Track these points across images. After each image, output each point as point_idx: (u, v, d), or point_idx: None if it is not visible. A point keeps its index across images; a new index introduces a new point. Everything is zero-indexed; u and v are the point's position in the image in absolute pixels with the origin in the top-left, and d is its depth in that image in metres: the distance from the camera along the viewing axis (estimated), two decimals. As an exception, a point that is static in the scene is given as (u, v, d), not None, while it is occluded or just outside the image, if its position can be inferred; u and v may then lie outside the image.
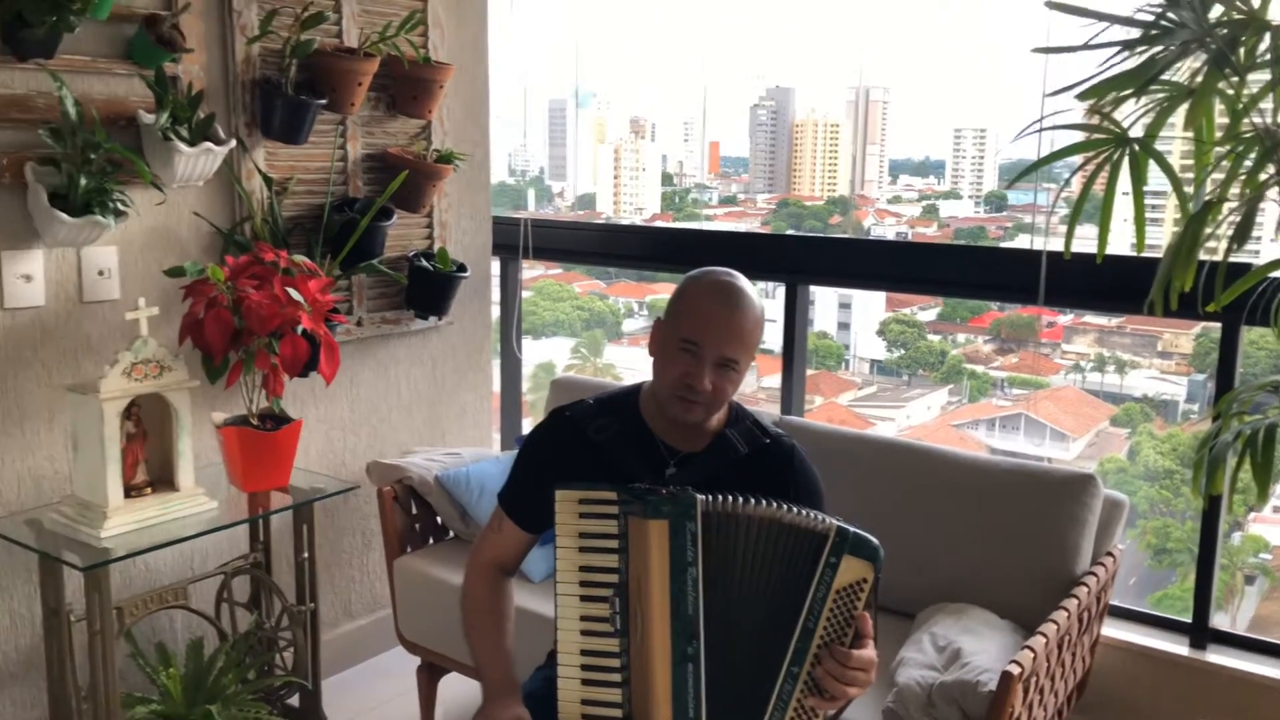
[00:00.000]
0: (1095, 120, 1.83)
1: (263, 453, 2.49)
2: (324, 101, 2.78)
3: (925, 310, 4.53)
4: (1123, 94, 1.78)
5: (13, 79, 2.32)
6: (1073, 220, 1.87)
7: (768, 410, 3.21)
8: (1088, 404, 4.44)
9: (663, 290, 4.95)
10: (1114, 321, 4.25)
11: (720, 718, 1.69)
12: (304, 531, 2.63)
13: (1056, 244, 2.89)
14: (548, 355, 5.31)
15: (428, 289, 3.13)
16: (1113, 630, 2.79)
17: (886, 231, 4.67)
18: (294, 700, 2.73)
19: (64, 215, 2.27)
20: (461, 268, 3.21)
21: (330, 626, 3.18)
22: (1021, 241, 2.72)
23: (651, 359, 1.86)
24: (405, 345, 3.27)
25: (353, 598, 3.25)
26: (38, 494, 2.46)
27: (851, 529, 1.66)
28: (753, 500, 1.69)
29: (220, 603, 2.69)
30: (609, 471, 1.82)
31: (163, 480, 2.39)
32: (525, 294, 5.49)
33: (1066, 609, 2.30)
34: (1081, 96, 1.88)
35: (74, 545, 2.22)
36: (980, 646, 2.25)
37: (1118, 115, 1.79)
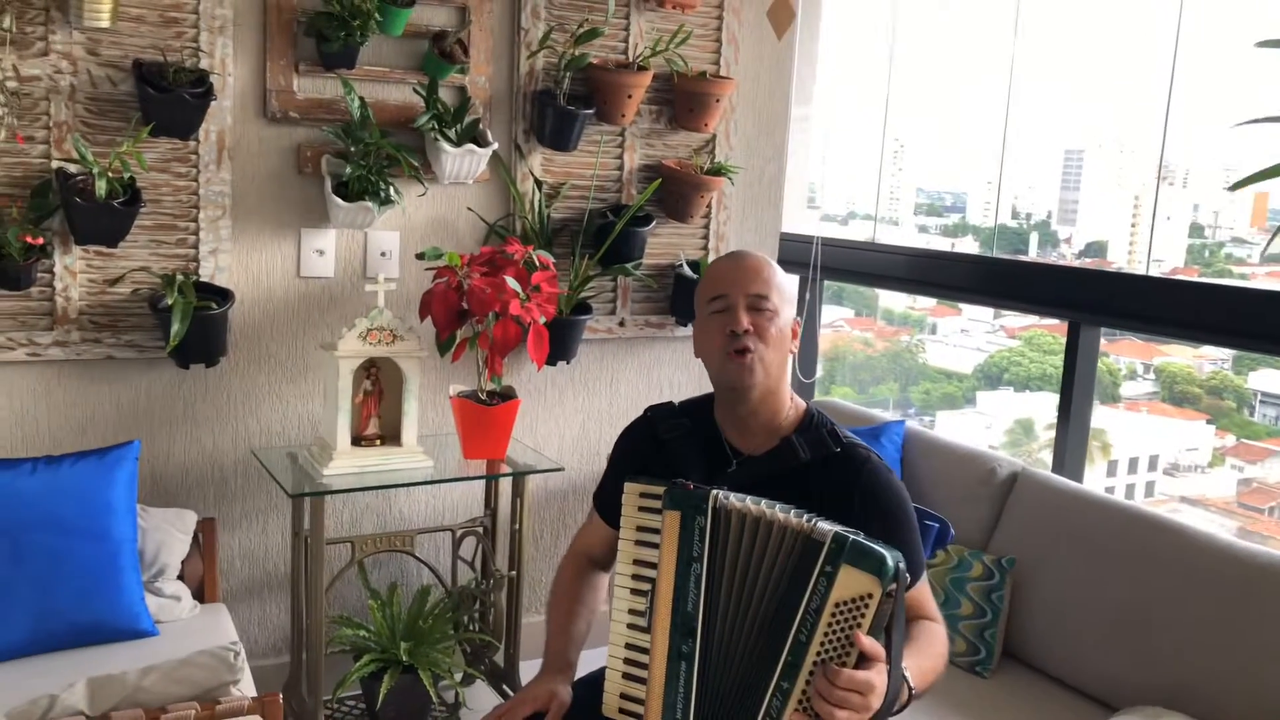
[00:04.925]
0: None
1: (480, 424, 2.74)
2: (591, 111, 2.98)
3: None
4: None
5: (324, 86, 2.78)
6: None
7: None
8: None
9: (1175, 353, 4.60)
10: None
11: None
12: (517, 504, 2.85)
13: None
14: (1029, 411, 5.08)
15: (687, 296, 3.22)
16: None
17: None
18: (499, 658, 2.95)
19: (339, 200, 2.69)
20: (724, 278, 3.26)
21: (571, 605, 3.37)
22: None
23: (702, 360, 1.84)
24: (670, 349, 3.38)
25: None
26: (311, 433, 2.91)
27: (854, 536, 1.51)
28: (763, 501, 1.60)
29: (455, 559, 2.99)
30: (670, 469, 1.82)
31: (394, 436, 2.72)
32: (1011, 342, 5.30)
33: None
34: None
35: (306, 478, 2.61)
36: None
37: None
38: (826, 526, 1.55)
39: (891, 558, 1.50)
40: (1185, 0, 3.05)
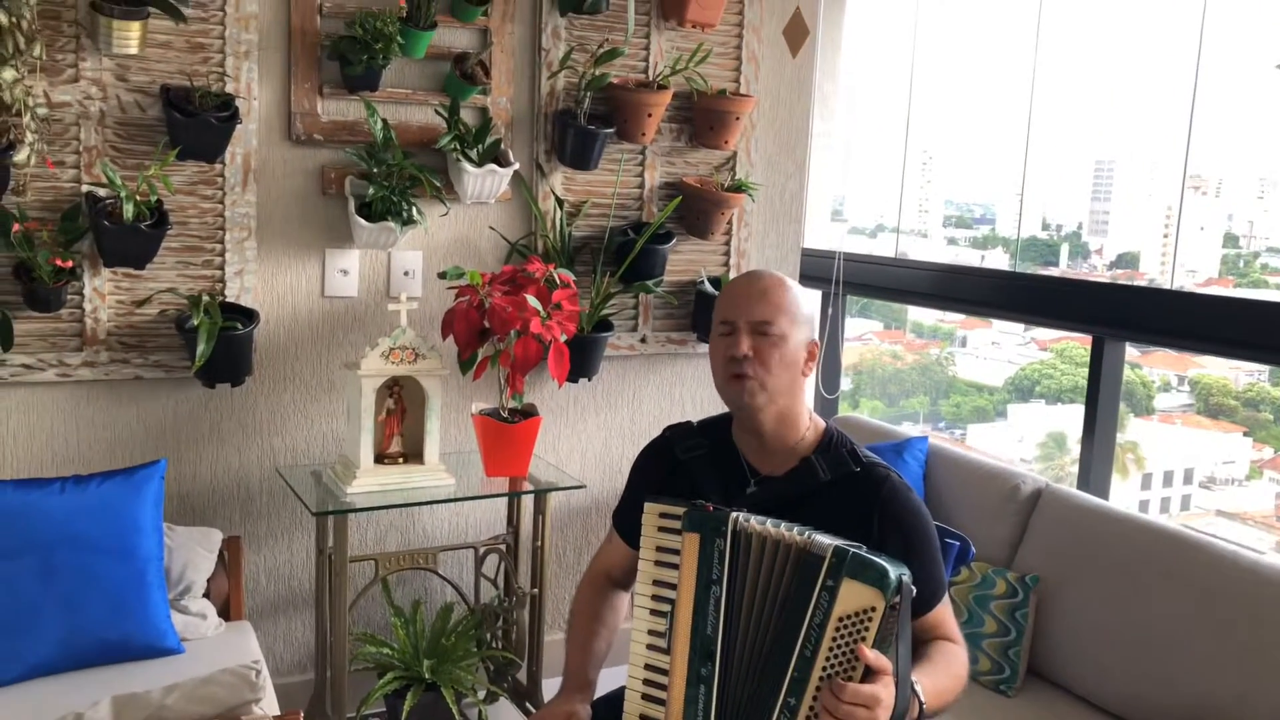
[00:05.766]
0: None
1: (502, 442, 2.76)
2: (611, 130, 3.00)
3: None
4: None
5: (347, 109, 2.82)
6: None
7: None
8: None
9: (1210, 365, 4.56)
10: None
11: None
12: (539, 521, 2.86)
13: None
14: (1061, 424, 5.06)
15: (708, 313, 3.22)
16: None
17: None
18: (523, 676, 2.96)
19: (362, 220, 2.72)
20: (746, 295, 3.26)
21: (595, 622, 3.38)
22: None
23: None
24: (692, 366, 3.39)
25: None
26: (335, 451, 2.93)
27: (853, 549, 1.51)
28: (783, 524, 1.61)
29: (478, 576, 3.00)
30: (689, 490, 1.83)
31: (416, 454, 2.74)
32: (1043, 354, 5.29)
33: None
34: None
35: (330, 496, 2.63)
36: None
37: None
38: (827, 541, 1.55)
39: (894, 570, 1.50)
40: (1208, 10, 3.03)
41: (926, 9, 4.09)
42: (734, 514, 1.64)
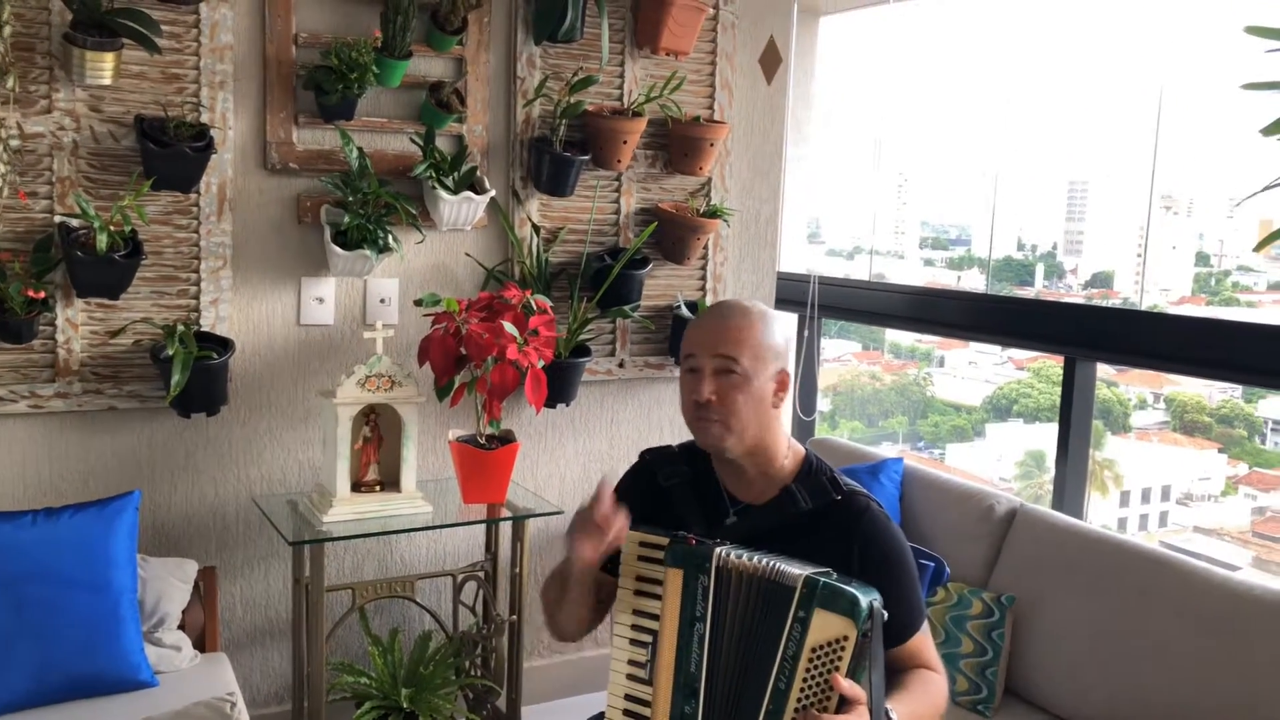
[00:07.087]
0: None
1: (480, 469, 2.75)
2: (586, 157, 3.02)
3: None
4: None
5: (323, 137, 2.83)
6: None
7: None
8: None
9: (1184, 382, 4.57)
10: None
11: None
12: (517, 548, 2.85)
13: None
14: (1040, 442, 5.10)
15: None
16: None
17: None
18: (502, 703, 2.94)
19: (338, 249, 2.72)
20: (722, 319, 3.28)
21: (575, 648, 3.37)
22: None
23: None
24: (669, 389, 3.40)
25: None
26: (312, 480, 2.92)
27: (824, 580, 1.52)
28: (764, 557, 1.61)
29: (456, 604, 2.99)
30: (669, 517, 1.82)
31: (393, 482, 2.73)
32: (1020, 374, 5.32)
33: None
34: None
35: (306, 525, 2.62)
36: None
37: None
38: (797, 570, 1.56)
39: (864, 597, 1.50)
40: (1174, 31, 3.08)
41: (899, 34, 4.14)
42: (717, 549, 1.64)
